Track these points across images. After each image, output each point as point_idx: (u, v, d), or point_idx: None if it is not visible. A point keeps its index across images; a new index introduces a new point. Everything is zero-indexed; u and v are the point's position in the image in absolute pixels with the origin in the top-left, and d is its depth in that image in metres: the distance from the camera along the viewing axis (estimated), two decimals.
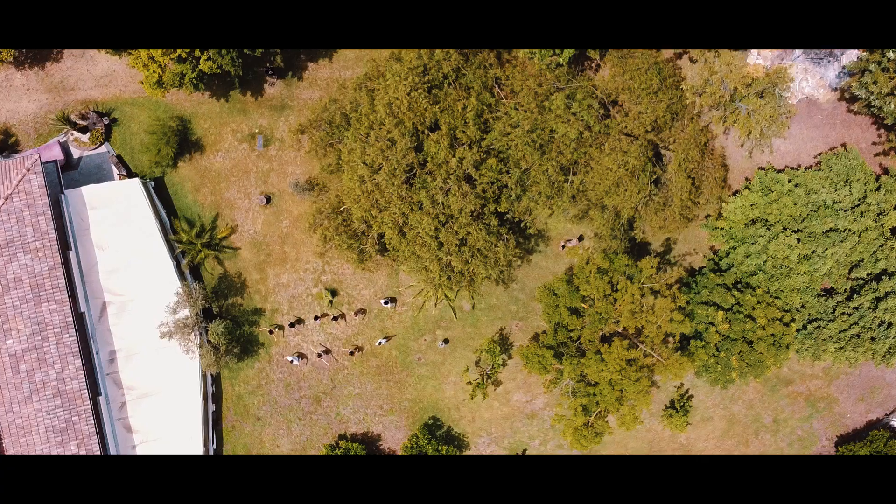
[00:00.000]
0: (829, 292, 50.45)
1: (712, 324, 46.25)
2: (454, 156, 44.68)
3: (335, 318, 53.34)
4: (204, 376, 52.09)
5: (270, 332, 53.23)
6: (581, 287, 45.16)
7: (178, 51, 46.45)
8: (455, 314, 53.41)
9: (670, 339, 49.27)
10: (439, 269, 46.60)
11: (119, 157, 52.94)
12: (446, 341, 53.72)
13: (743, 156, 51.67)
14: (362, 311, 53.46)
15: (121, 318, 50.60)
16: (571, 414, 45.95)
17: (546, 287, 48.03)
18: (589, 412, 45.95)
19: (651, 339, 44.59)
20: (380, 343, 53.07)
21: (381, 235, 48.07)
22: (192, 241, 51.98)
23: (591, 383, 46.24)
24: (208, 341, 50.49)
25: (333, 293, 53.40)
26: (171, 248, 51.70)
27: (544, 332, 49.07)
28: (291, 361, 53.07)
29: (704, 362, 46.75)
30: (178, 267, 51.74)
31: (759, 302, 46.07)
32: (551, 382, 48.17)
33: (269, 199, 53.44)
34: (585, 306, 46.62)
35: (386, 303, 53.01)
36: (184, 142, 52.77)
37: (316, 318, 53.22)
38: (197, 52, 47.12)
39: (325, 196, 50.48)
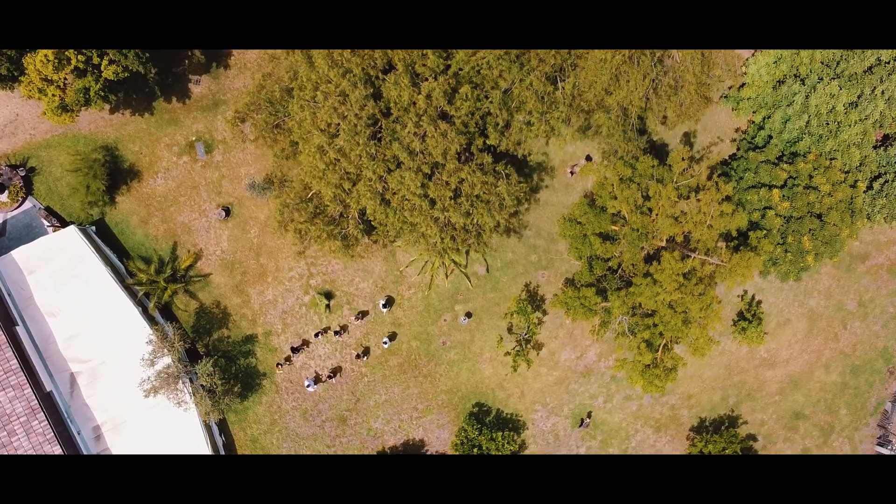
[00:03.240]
0: (886, 141, 43.20)
1: (769, 207, 38.97)
2: (420, 93, 37.42)
3: (337, 333, 46.07)
4: (207, 427, 44.82)
5: (279, 365, 46.03)
6: (607, 205, 37.90)
7: (74, 62, 39.22)
8: (470, 282, 46.13)
9: (721, 243, 41.93)
10: (438, 231, 39.38)
11: (48, 208, 45.63)
12: (469, 315, 46.45)
13: None
14: (364, 314, 46.19)
15: (95, 388, 43.40)
16: (635, 354, 38.68)
17: (566, 218, 40.77)
18: (654, 347, 38.67)
19: (704, 243, 37.32)
20: (385, 343, 45.80)
21: (363, 213, 40.89)
22: (154, 280, 44.75)
23: (647, 313, 38.99)
24: (201, 386, 43.22)
25: (328, 296, 46.13)
26: (133, 294, 44.49)
27: (578, 272, 41.77)
28: (308, 387, 45.85)
29: (770, 254, 39.48)
30: (145, 313, 44.48)
31: (815, 168, 38.83)
32: (601, 326, 40.97)
33: (228, 211, 46.17)
34: (617, 228, 39.38)
35: (384, 306, 45.76)
36: (116, 173, 45.53)
37: (317, 334, 46.06)
38: (96, 59, 39.89)
39: (288, 186, 43.19)
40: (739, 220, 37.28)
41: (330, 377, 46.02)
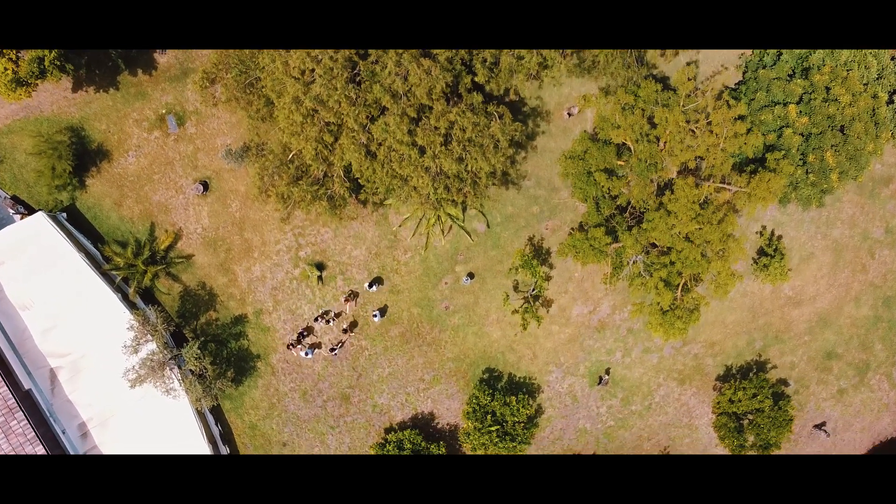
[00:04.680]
0: None
1: (785, 126, 35.93)
2: None
3: (328, 322, 43.05)
4: (202, 415, 41.91)
5: (289, 347, 43.03)
6: (611, 135, 34.92)
7: None
8: (470, 236, 43.15)
9: (735, 175, 38.94)
10: (431, 182, 36.46)
11: (14, 197, 42.75)
12: (471, 276, 43.49)
13: None
14: (354, 295, 43.17)
15: (78, 382, 40.63)
16: (653, 295, 35.68)
17: (568, 155, 37.75)
18: (672, 286, 35.68)
19: (718, 169, 34.36)
20: (375, 317, 42.79)
21: (348, 170, 37.98)
22: (132, 264, 41.88)
23: (663, 251, 35.98)
24: (190, 371, 40.31)
25: (320, 267, 43.16)
26: (110, 280, 41.59)
27: (585, 213, 38.77)
28: (306, 355, 42.86)
29: (791, 177, 36.45)
30: (125, 299, 41.61)
31: (832, 80, 35.79)
32: (613, 272, 37.98)
33: (206, 186, 43.23)
34: (623, 162, 36.43)
35: (371, 286, 42.75)
36: (84, 154, 42.65)
37: (316, 319, 43.06)
38: None
39: (267, 150, 40.28)
40: (755, 139, 34.29)
41: (332, 350, 43.03)
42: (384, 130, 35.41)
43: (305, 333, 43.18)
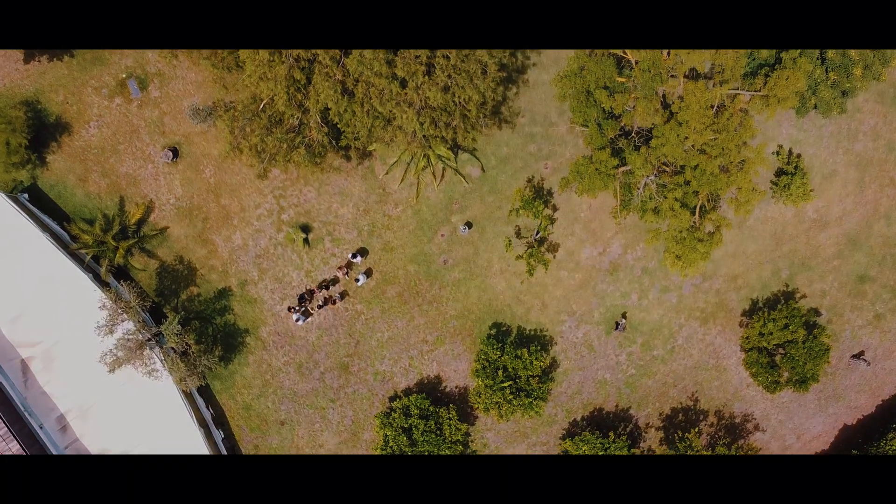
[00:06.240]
0: None
1: None
2: None
3: (326, 287, 39.86)
4: (190, 398, 38.75)
5: (290, 309, 39.85)
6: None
7: None
8: (465, 179, 39.86)
9: (748, 80, 35.67)
10: (416, 117, 33.22)
11: None
12: (469, 225, 40.27)
13: None
14: (348, 266, 39.90)
15: (52, 372, 37.67)
16: (670, 217, 32.40)
17: (563, 74, 34.46)
18: (689, 207, 32.44)
19: (730, 70, 31.11)
20: (359, 281, 39.58)
21: (326, 116, 34.78)
22: (102, 240, 38.72)
23: (677, 170, 32.74)
24: (171, 349, 37.09)
25: (305, 229, 39.94)
26: (80, 260, 38.40)
27: (587, 136, 35.49)
28: (297, 320, 39.60)
29: (810, 78, 33.14)
30: (97, 279, 38.44)
31: None
32: (621, 200, 34.73)
33: (176, 152, 40.02)
34: (625, 80, 33.18)
35: (354, 256, 39.49)
36: (42, 129, 39.49)
37: (311, 291, 39.89)
38: None
39: (237, 100, 37.04)
40: None
41: (320, 306, 39.80)
42: (360, 63, 32.20)
43: (306, 297, 39.89)
